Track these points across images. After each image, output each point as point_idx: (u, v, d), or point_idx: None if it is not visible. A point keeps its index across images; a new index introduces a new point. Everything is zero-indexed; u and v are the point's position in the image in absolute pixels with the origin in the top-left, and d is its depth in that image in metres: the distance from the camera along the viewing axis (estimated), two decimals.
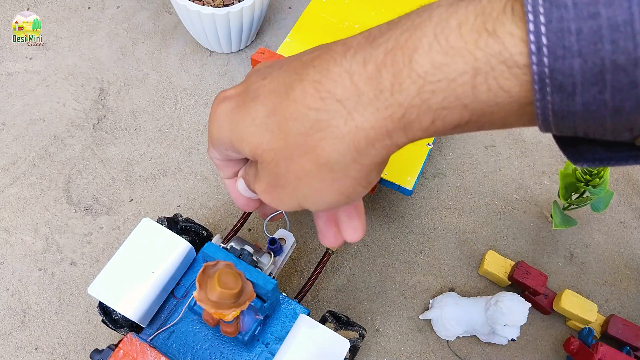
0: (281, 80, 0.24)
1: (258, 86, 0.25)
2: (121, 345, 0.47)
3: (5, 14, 0.88)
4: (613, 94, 0.17)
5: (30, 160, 0.75)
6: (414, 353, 0.65)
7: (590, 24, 0.16)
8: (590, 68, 0.17)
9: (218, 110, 0.27)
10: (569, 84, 0.17)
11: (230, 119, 0.26)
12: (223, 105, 0.27)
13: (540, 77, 0.18)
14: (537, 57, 0.17)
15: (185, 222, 0.58)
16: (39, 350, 0.62)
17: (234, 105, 0.26)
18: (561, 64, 0.17)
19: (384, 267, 0.70)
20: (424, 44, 0.20)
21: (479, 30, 0.19)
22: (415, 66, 0.20)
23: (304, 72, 0.23)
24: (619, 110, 0.17)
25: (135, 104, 0.81)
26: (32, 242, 0.69)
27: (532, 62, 0.18)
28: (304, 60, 0.24)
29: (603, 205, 0.64)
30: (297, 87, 0.23)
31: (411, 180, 0.62)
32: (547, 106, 0.18)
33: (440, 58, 0.20)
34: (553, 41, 0.17)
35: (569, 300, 0.65)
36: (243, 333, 0.48)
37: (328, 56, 0.23)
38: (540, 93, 0.18)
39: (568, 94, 0.18)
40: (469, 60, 0.19)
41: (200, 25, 0.78)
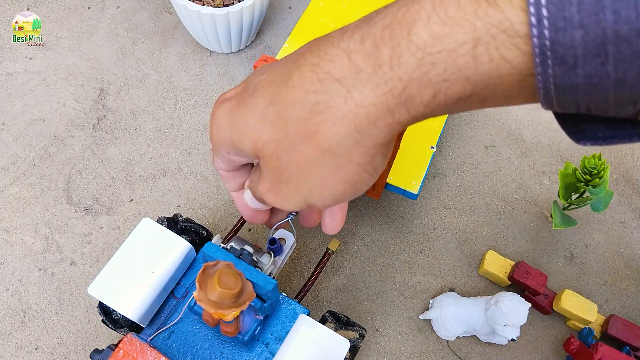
0: (279, 71, 0.24)
1: (257, 82, 0.25)
2: (121, 345, 0.47)
3: (5, 14, 0.88)
4: (615, 66, 0.17)
5: (30, 160, 0.75)
6: (414, 353, 0.65)
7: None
8: (592, 39, 0.16)
9: (218, 112, 0.27)
10: (571, 56, 0.17)
11: (229, 117, 0.26)
12: (222, 107, 0.26)
13: (541, 49, 0.17)
14: (537, 30, 0.17)
15: (185, 222, 0.58)
16: (39, 350, 0.62)
17: (234, 104, 0.26)
18: (562, 36, 0.17)
19: (384, 267, 0.70)
20: (422, 17, 0.20)
21: (478, 1, 0.19)
22: (414, 38, 0.20)
23: (302, 58, 0.23)
24: (621, 82, 0.17)
25: (135, 104, 0.81)
26: (32, 242, 0.69)
27: (533, 34, 0.17)
28: (301, 50, 0.24)
29: (603, 205, 0.64)
30: (295, 73, 0.23)
31: (416, 184, 0.62)
32: (548, 79, 0.18)
33: (439, 29, 0.19)
34: (553, 12, 0.17)
35: (569, 300, 0.65)
36: (243, 333, 0.48)
37: (326, 41, 0.23)
38: (542, 66, 0.18)
39: (569, 67, 0.17)
40: (469, 30, 0.19)
41: (200, 25, 0.78)
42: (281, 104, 0.23)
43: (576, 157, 0.82)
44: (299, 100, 0.23)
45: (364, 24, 0.22)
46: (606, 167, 0.61)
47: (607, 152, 0.82)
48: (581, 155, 0.82)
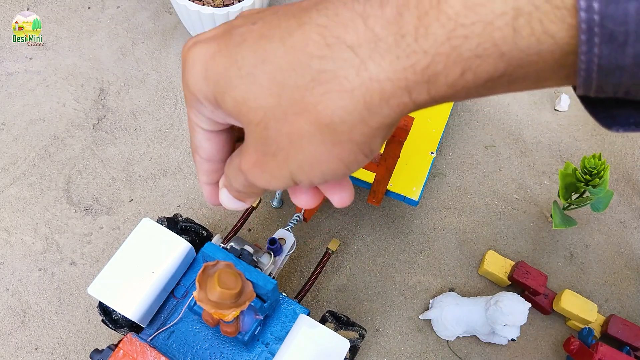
0: (275, 24, 0.21)
1: (245, 30, 0.21)
2: (121, 345, 0.47)
3: (5, 14, 0.88)
4: None
5: (30, 160, 0.75)
6: (414, 353, 0.65)
7: None
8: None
9: (192, 56, 0.22)
10: (621, 33, 0.15)
11: (209, 66, 0.22)
12: (198, 50, 0.22)
13: (589, 25, 0.15)
14: (585, 2, 0.15)
15: (185, 222, 0.58)
16: (39, 350, 0.62)
17: (214, 50, 0.22)
18: (614, 9, 0.15)
19: (384, 267, 0.70)
20: None
21: None
22: (444, 7, 0.17)
23: (305, 15, 0.20)
24: None
25: (135, 104, 0.81)
26: (32, 242, 0.69)
27: (580, 7, 0.15)
28: (303, 5, 0.21)
29: (603, 205, 0.64)
30: (296, 32, 0.20)
31: (417, 190, 0.62)
32: (592, 60, 0.16)
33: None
34: None
35: (569, 300, 0.65)
36: (243, 333, 0.48)
37: (336, 0, 0.20)
38: (587, 44, 0.16)
39: (618, 45, 0.15)
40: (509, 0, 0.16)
41: (200, 25, 0.78)
42: (276, 66, 0.20)
43: (576, 157, 0.82)
44: (299, 65, 0.20)
45: None
46: (606, 167, 0.61)
47: (607, 152, 0.82)
48: (581, 155, 0.82)
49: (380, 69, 0.19)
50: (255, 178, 0.23)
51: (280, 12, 0.21)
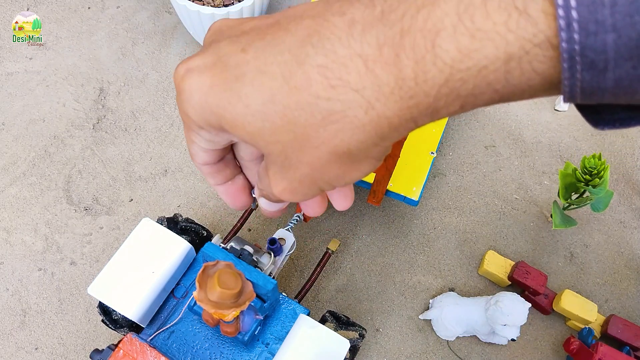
0: (270, 59, 0.21)
1: (238, 61, 0.22)
2: (121, 345, 0.47)
3: (5, 14, 0.88)
4: None
5: (30, 160, 0.75)
6: (414, 353, 0.65)
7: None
8: (625, 43, 0.16)
9: (188, 86, 0.23)
10: (601, 61, 0.16)
11: (209, 98, 0.22)
12: (193, 80, 0.22)
13: (570, 55, 0.16)
14: (566, 34, 0.16)
15: (185, 222, 0.58)
16: (39, 350, 0.62)
17: (210, 81, 0.22)
18: (593, 40, 0.16)
19: (384, 267, 0.70)
20: (447, 26, 0.18)
21: (507, 8, 0.17)
22: (439, 52, 0.18)
23: (301, 51, 0.20)
24: None
25: (135, 104, 0.81)
26: (32, 242, 0.69)
27: (562, 39, 0.16)
28: (294, 33, 0.21)
29: (603, 205, 0.64)
30: (296, 72, 0.20)
31: (417, 190, 0.62)
32: (575, 84, 0.17)
33: (467, 42, 0.18)
34: (584, 15, 0.16)
35: (569, 300, 0.65)
36: (243, 333, 0.48)
37: (328, 32, 0.20)
38: (570, 71, 0.17)
39: (599, 71, 0.16)
40: (501, 45, 0.18)
41: (200, 25, 0.78)
42: (284, 106, 0.21)
43: (576, 157, 0.82)
44: (307, 105, 0.21)
45: (375, 19, 0.20)
46: (606, 167, 0.61)
47: (607, 152, 0.82)
48: (581, 155, 0.82)
49: (387, 108, 0.20)
50: (289, 198, 0.25)
51: (269, 40, 0.21)
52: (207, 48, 0.23)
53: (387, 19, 0.19)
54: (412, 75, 0.19)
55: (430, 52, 0.18)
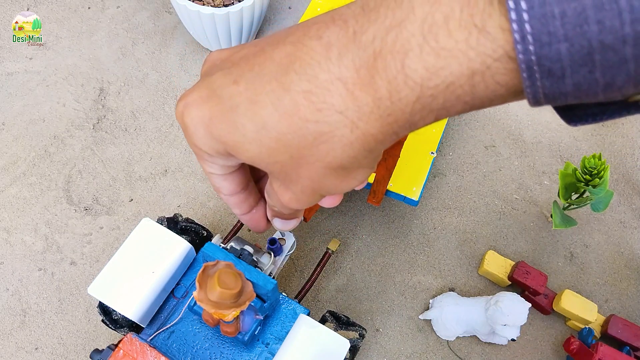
0: (259, 89, 0.23)
1: (231, 93, 0.23)
2: (121, 345, 0.47)
3: (5, 14, 0.88)
4: (603, 72, 0.17)
5: (30, 160, 0.75)
6: (414, 353, 0.65)
7: (574, 5, 0.16)
8: (578, 51, 0.17)
9: (190, 120, 0.24)
10: (558, 69, 0.17)
11: (211, 130, 0.24)
12: (193, 114, 0.24)
13: (528, 65, 0.17)
14: (522, 46, 0.17)
15: (185, 222, 0.58)
16: (39, 350, 0.62)
17: (209, 114, 0.24)
18: (547, 50, 0.17)
19: (384, 267, 0.70)
20: (414, 46, 0.19)
21: (467, 27, 0.18)
22: (408, 72, 0.20)
23: (286, 79, 0.22)
24: (610, 85, 0.17)
25: (135, 104, 0.81)
26: (32, 242, 0.69)
27: (518, 51, 0.17)
28: (279, 61, 0.22)
29: (603, 205, 0.64)
30: (284, 98, 0.22)
31: (417, 190, 0.62)
32: (537, 91, 0.18)
33: (433, 61, 0.19)
34: (537, 28, 0.17)
35: (569, 300, 0.65)
36: (243, 333, 0.48)
37: (308, 57, 0.22)
38: (530, 80, 0.18)
39: (558, 78, 0.17)
40: (464, 62, 0.19)
41: (200, 25, 0.78)
42: (277, 131, 0.22)
43: (576, 157, 0.82)
44: (297, 129, 0.22)
45: (349, 42, 0.21)
46: (606, 167, 0.61)
47: (607, 152, 0.82)
48: (581, 155, 0.82)
49: (369, 126, 0.22)
50: (296, 206, 0.27)
51: (257, 70, 0.23)
52: (202, 82, 0.25)
53: (359, 41, 0.21)
54: (387, 95, 0.20)
55: (401, 73, 0.20)
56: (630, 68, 0.16)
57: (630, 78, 0.17)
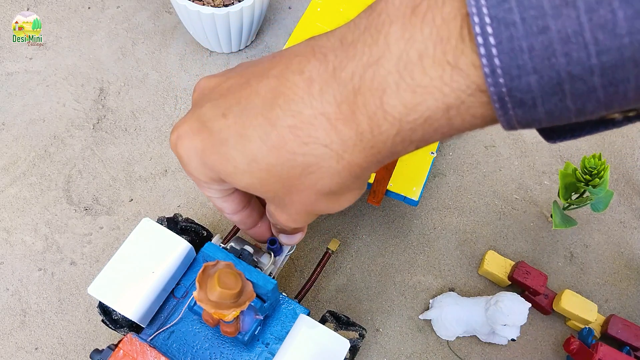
0: (247, 123, 0.23)
1: (220, 126, 0.24)
2: (121, 345, 0.47)
3: (5, 14, 0.88)
4: (574, 100, 0.17)
5: (30, 160, 0.75)
6: (414, 353, 0.65)
7: (541, 39, 0.16)
8: (547, 82, 0.17)
9: (184, 152, 0.26)
10: (529, 99, 0.18)
11: (205, 160, 0.25)
12: (186, 146, 0.25)
13: (500, 96, 0.18)
14: (492, 79, 0.18)
15: (185, 222, 0.58)
16: (39, 350, 0.62)
17: (201, 146, 0.25)
18: (517, 82, 0.17)
19: (384, 267, 0.70)
20: (391, 84, 0.20)
21: (441, 64, 0.19)
22: (387, 108, 0.20)
23: (271, 114, 0.23)
24: (582, 111, 0.18)
25: (135, 104, 0.81)
26: (32, 242, 0.69)
27: (489, 84, 0.18)
28: (264, 96, 0.23)
29: (603, 205, 0.64)
30: (271, 133, 0.23)
31: (417, 190, 0.62)
32: (511, 119, 0.19)
33: (410, 98, 0.20)
34: (506, 62, 0.17)
35: (569, 300, 0.65)
36: (243, 333, 0.48)
37: (291, 92, 0.22)
38: (502, 110, 0.18)
39: (529, 107, 0.18)
40: (439, 97, 0.19)
41: (200, 25, 0.78)
42: (267, 164, 0.23)
43: (576, 157, 0.82)
44: (286, 161, 0.23)
45: (330, 77, 0.21)
46: (606, 167, 0.61)
47: (607, 152, 0.82)
48: (581, 155, 0.82)
49: (354, 157, 0.23)
50: (294, 226, 0.29)
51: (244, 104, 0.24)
52: (192, 113, 0.26)
53: (339, 77, 0.21)
54: (368, 129, 0.21)
55: (380, 109, 0.21)
56: (599, 95, 0.17)
57: (601, 104, 0.17)
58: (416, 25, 0.19)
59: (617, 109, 0.18)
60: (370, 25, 0.21)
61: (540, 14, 0.16)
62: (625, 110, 0.18)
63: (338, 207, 0.26)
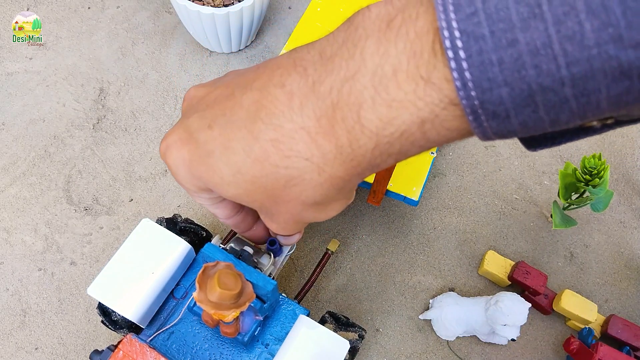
0: (231, 135, 0.24)
1: (206, 138, 0.25)
2: (121, 346, 0.47)
3: (5, 14, 0.88)
4: (547, 111, 0.17)
5: (30, 160, 0.75)
6: (414, 353, 0.65)
7: (510, 52, 0.16)
8: (519, 94, 0.17)
9: (172, 162, 0.26)
10: (502, 111, 0.18)
11: (192, 171, 0.26)
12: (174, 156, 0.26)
13: (472, 109, 0.18)
14: (464, 93, 0.18)
15: (185, 222, 0.58)
16: (39, 350, 0.63)
17: (189, 157, 0.26)
18: (489, 95, 0.17)
19: (384, 267, 0.70)
20: (367, 99, 0.20)
21: (414, 78, 0.19)
22: (364, 122, 0.21)
23: (254, 127, 0.23)
24: (556, 121, 0.18)
25: (135, 104, 0.81)
26: (32, 242, 0.69)
27: (461, 97, 0.18)
28: (247, 108, 0.24)
29: (603, 205, 0.64)
30: (254, 145, 0.23)
31: (417, 190, 0.62)
32: (486, 130, 0.19)
33: (386, 112, 0.20)
34: (476, 75, 0.17)
35: (569, 300, 0.65)
36: (243, 334, 0.48)
37: (272, 106, 0.23)
38: (476, 122, 0.18)
39: (503, 118, 0.18)
40: (414, 112, 0.19)
41: (200, 25, 0.78)
42: (251, 175, 0.24)
43: (576, 157, 0.81)
44: (270, 173, 0.23)
45: (310, 91, 0.22)
46: (606, 167, 0.61)
47: (607, 152, 0.82)
48: (581, 155, 0.82)
49: (334, 169, 0.23)
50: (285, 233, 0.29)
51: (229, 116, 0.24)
52: (181, 123, 0.26)
53: (318, 92, 0.22)
54: (347, 143, 0.22)
55: (358, 123, 0.21)
56: (572, 106, 0.17)
57: (574, 114, 0.17)
58: (391, 39, 0.19)
59: (591, 118, 0.18)
60: (347, 38, 0.21)
61: (508, 27, 0.16)
62: (602, 118, 0.18)
63: (325, 217, 0.27)
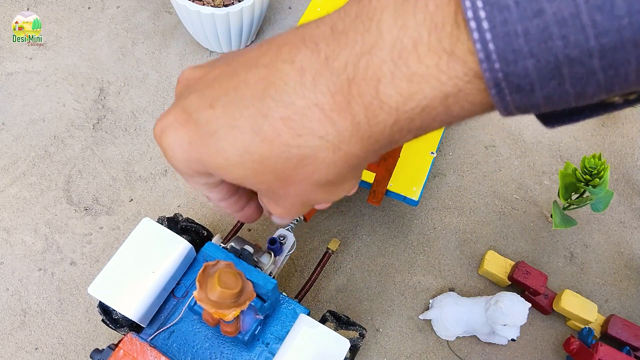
0: (237, 113, 0.22)
1: (208, 117, 0.23)
2: (121, 344, 0.47)
3: (5, 14, 0.88)
4: (573, 84, 0.17)
5: (30, 160, 0.75)
6: (414, 353, 0.65)
7: (536, 22, 0.16)
8: (545, 66, 0.17)
9: (168, 144, 0.24)
10: (527, 84, 0.17)
11: (191, 154, 0.24)
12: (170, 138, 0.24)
13: (495, 82, 0.17)
14: (487, 65, 0.17)
15: (186, 221, 0.58)
16: (39, 350, 0.62)
17: (187, 138, 0.24)
18: (514, 67, 0.17)
19: (384, 267, 0.70)
20: (386, 73, 0.19)
21: (437, 51, 0.18)
22: (384, 98, 0.20)
23: (263, 104, 0.22)
24: (582, 95, 0.17)
25: (135, 104, 0.81)
26: (32, 242, 0.69)
27: (484, 69, 0.17)
28: (253, 86, 0.22)
29: (603, 205, 0.64)
30: (263, 124, 0.22)
31: (417, 190, 0.62)
32: (508, 104, 0.18)
33: (406, 87, 0.19)
34: (501, 47, 0.17)
35: (569, 300, 0.65)
36: (243, 333, 0.48)
37: (282, 82, 0.21)
38: (499, 95, 0.18)
39: (527, 92, 0.17)
40: (436, 86, 0.19)
41: (200, 25, 0.78)
42: (260, 156, 0.22)
43: (576, 157, 0.82)
44: (281, 153, 0.22)
45: (322, 67, 0.21)
46: (606, 167, 0.61)
47: (607, 152, 0.82)
48: (581, 155, 0.82)
49: (350, 147, 0.22)
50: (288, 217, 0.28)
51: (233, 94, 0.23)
52: (177, 104, 0.25)
53: (332, 67, 0.20)
54: (365, 120, 0.21)
55: (376, 99, 0.20)
56: (599, 78, 0.17)
57: (601, 87, 0.17)
58: (408, 11, 0.18)
59: (617, 92, 0.17)
60: (361, 12, 0.20)
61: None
62: (626, 93, 0.18)
63: (335, 197, 0.26)
